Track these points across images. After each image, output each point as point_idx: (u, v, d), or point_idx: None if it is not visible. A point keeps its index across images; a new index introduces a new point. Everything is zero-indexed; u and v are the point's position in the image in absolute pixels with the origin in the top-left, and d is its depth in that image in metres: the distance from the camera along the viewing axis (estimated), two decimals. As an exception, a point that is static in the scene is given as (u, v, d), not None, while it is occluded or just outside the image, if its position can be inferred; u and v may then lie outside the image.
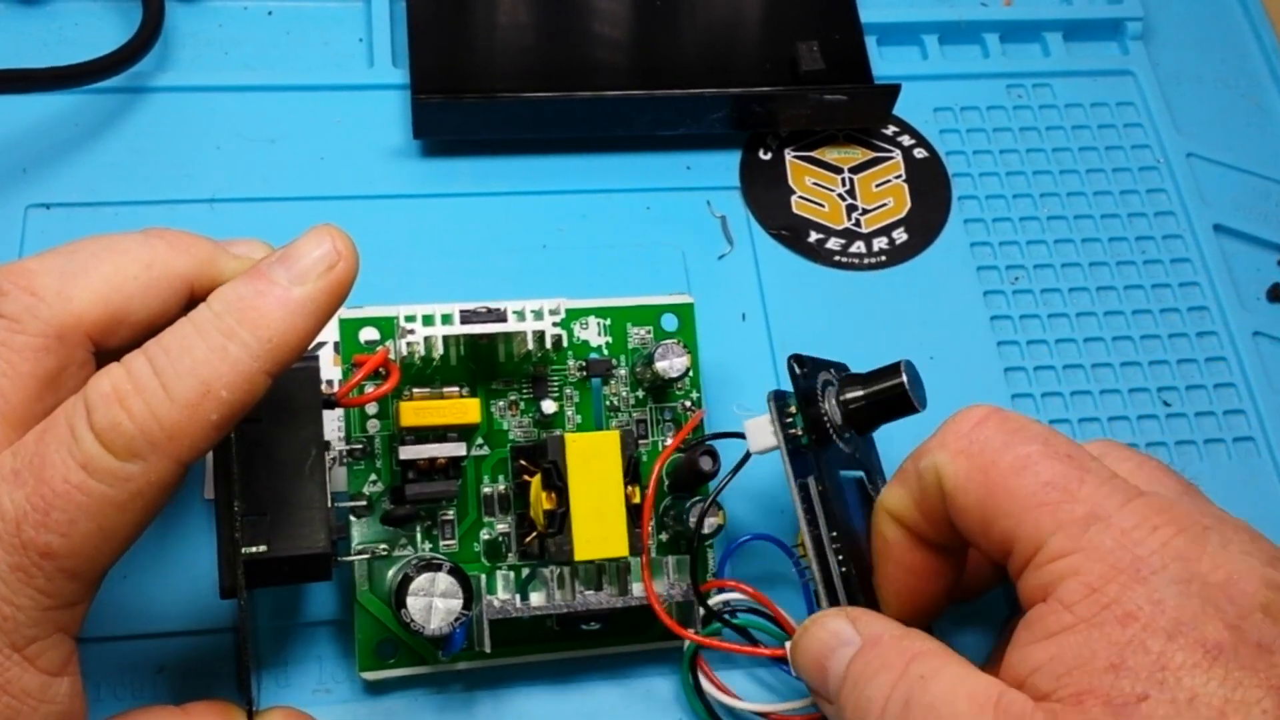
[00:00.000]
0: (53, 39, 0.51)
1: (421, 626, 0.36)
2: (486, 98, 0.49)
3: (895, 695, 0.31)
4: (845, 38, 0.52)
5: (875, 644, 0.32)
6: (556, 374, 0.41)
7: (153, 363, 0.29)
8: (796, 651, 0.35)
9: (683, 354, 0.41)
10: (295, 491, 0.35)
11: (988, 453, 0.33)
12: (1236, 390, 0.49)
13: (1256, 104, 0.57)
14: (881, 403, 0.37)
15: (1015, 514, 0.32)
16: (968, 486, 0.33)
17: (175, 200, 0.48)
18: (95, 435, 0.28)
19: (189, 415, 0.29)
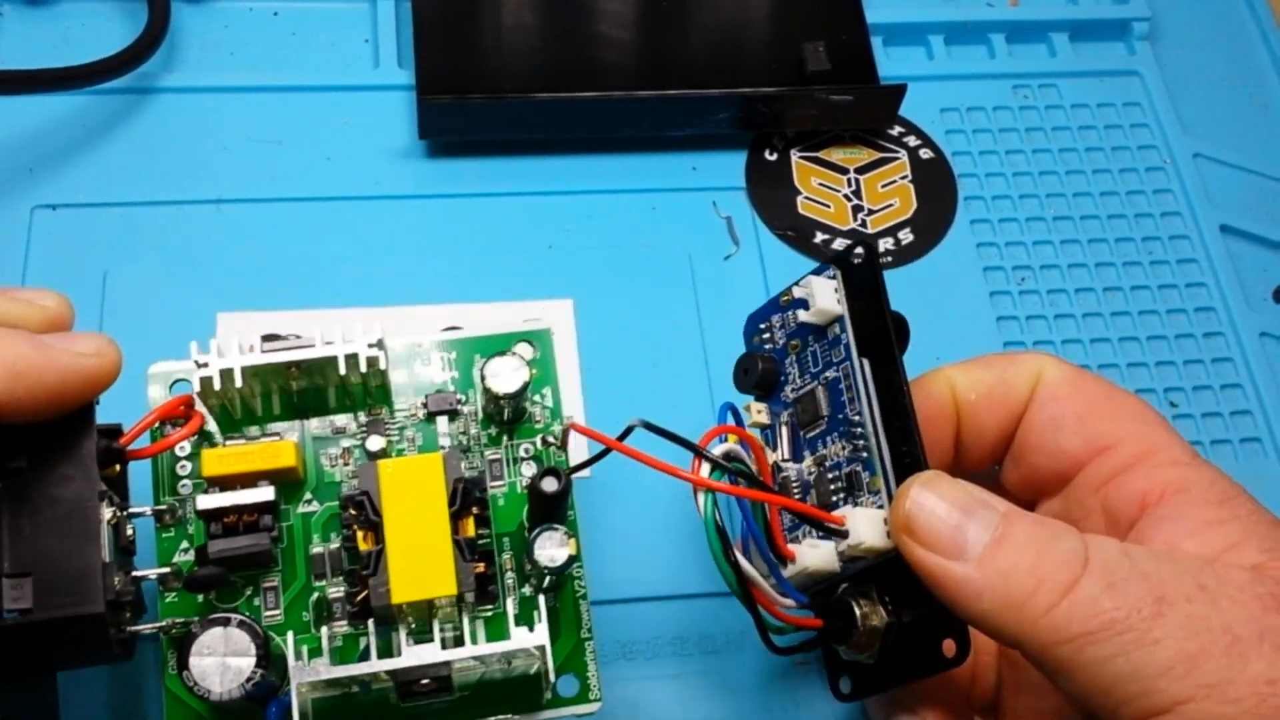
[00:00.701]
0: (59, 40, 0.51)
1: (207, 691, 0.31)
2: (492, 98, 0.49)
3: (1102, 550, 0.29)
4: (851, 38, 0.52)
5: (1024, 515, 0.31)
6: (400, 412, 0.36)
7: None
8: (914, 508, 0.31)
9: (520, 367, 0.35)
10: (67, 548, 0.29)
11: (1099, 377, 0.34)
12: (1243, 391, 0.49)
13: (1263, 105, 0.57)
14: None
15: (1131, 417, 0.33)
16: (1079, 386, 0.34)
17: (181, 201, 0.48)
18: None
19: None
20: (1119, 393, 0.34)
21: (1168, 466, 0.32)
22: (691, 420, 0.44)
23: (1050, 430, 0.34)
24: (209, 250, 0.47)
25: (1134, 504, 0.32)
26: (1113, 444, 0.33)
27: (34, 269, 0.45)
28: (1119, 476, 0.33)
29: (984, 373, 0.35)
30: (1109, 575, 0.29)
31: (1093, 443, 0.33)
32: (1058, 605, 0.29)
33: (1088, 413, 0.33)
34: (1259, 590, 0.29)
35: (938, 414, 0.35)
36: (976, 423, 0.35)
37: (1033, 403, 0.34)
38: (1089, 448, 0.33)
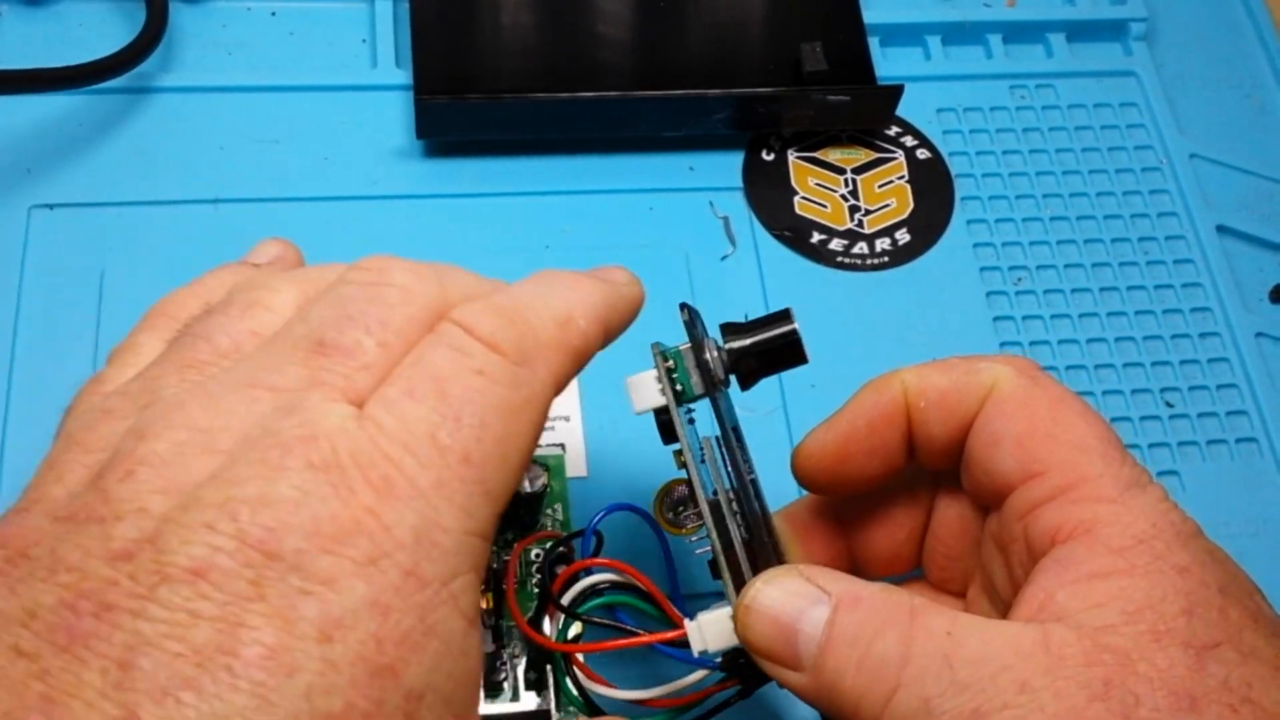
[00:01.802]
0: (57, 40, 0.51)
1: None
2: (489, 98, 0.49)
3: (923, 652, 0.28)
4: (848, 38, 0.53)
5: (857, 601, 0.29)
6: None
7: (514, 295, 0.29)
8: (750, 617, 0.30)
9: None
10: None
11: (1058, 390, 0.33)
12: (1239, 391, 0.49)
13: (1260, 105, 0.57)
14: (771, 351, 0.34)
15: (1068, 444, 0.31)
16: (1027, 402, 0.32)
17: (179, 201, 0.48)
18: (483, 345, 0.27)
19: (560, 332, 0.29)
20: (1068, 414, 0.32)
21: (1086, 503, 0.30)
22: (688, 420, 0.45)
23: (989, 448, 0.32)
24: (206, 250, 0.46)
25: (1046, 539, 0.30)
26: (1042, 471, 0.31)
27: (31, 268, 0.45)
28: (1039, 507, 0.31)
29: (938, 378, 0.34)
30: (924, 689, 0.28)
31: (1025, 467, 0.31)
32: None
33: (1027, 434, 0.32)
34: (1090, 675, 0.27)
35: (885, 417, 0.34)
36: (926, 430, 0.34)
37: (979, 417, 0.33)
38: (1022, 472, 0.31)
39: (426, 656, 0.24)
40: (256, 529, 0.23)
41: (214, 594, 0.23)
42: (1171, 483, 0.47)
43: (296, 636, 0.23)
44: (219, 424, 0.25)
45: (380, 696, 0.23)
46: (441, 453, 0.26)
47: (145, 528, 0.23)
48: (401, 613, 0.24)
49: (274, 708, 0.22)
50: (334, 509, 0.24)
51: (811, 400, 0.46)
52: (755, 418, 0.46)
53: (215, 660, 0.22)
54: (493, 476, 0.26)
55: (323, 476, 0.24)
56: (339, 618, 0.23)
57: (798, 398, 0.46)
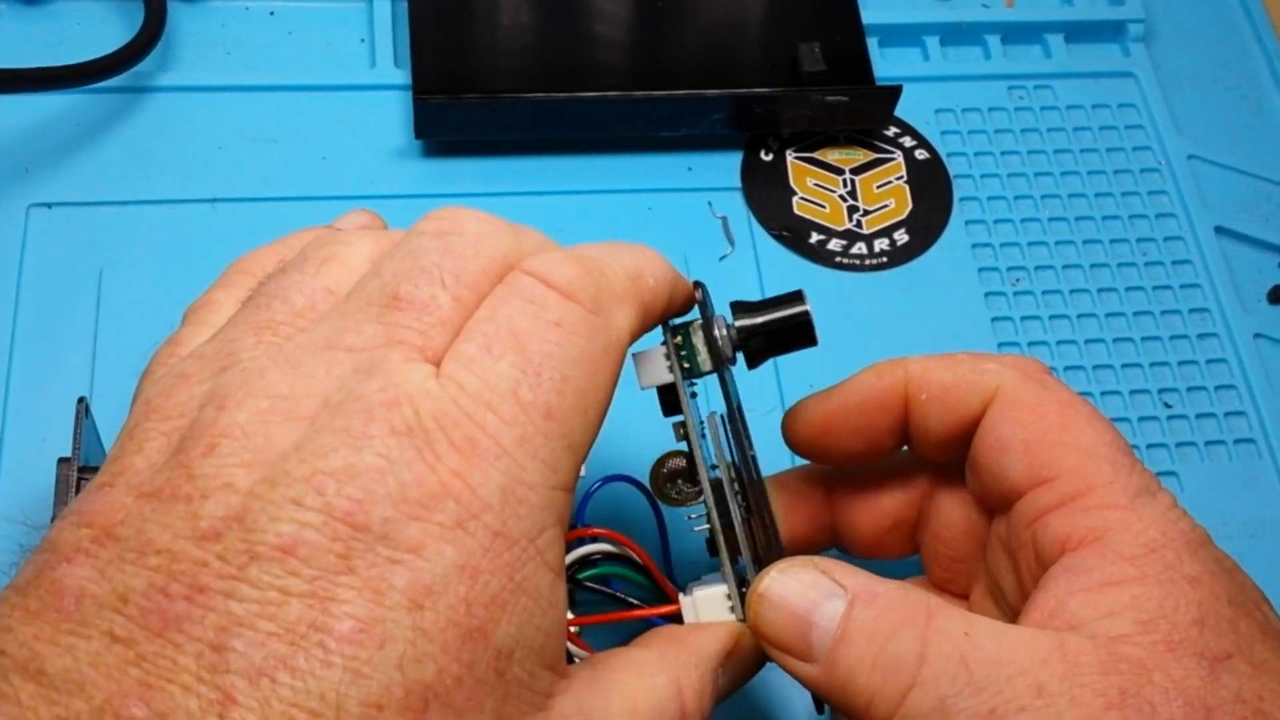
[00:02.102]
0: (55, 39, 0.51)
1: None
2: (488, 98, 0.49)
3: (939, 653, 0.28)
4: (847, 39, 0.53)
5: (873, 597, 0.29)
6: None
7: (588, 250, 0.29)
8: (762, 605, 0.31)
9: None
10: None
11: (1067, 394, 0.32)
12: (1237, 392, 0.49)
13: (1258, 106, 0.57)
14: (782, 331, 0.34)
15: (1078, 449, 0.31)
16: (1035, 406, 0.32)
17: (177, 200, 0.48)
18: (559, 295, 0.27)
19: (632, 284, 0.29)
20: (1077, 420, 0.32)
21: (1097, 510, 0.30)
22: (686, 420, 0.45)
23: (997, 453, 0.32)
24: (204, 249, 0.46)
25: (1056, 546, 0.30)
26: (1052, 477, 0.31)
27: (29, 267, 0.45)
28: (1048, 514, 0.31)
29: (943, 373, 0.33)
30: (939, 689, 0.28)
31: (1034, 474, 0.31)
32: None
33: (1035, 440, 0.31)
34: (1106, 683, 0.27)
35: (879, 402, 0.34)
36: (924, 422, 0.34)
37: (984, 419, 0.33)
38: (1030, 478, 0.31)
39: (516, 614, 0.25)
40: (343, 501, 0.23)
41: (303, 570, 0.23)
42: (1170, 483, 0.47)
43: (387, 607, 0.23)
44: (300, 389, 0.25)
45: (471, 659, 0.24)
46: (524, 409, 0.26)
47: (232, 505, 0.23)
48: (490, 574, 0.24)
49: (368, 680, 0.22)
50: (420, 474, 0.24)
51: (810, 400, 0.46)
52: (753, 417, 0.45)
53: (308, 637, 0.22)
54: (575, 429, 0.27)
55: (407, 442, 0.24)
56: (429, 585, 0.23)
57: (796, 397, 0.46)
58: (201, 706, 0.22)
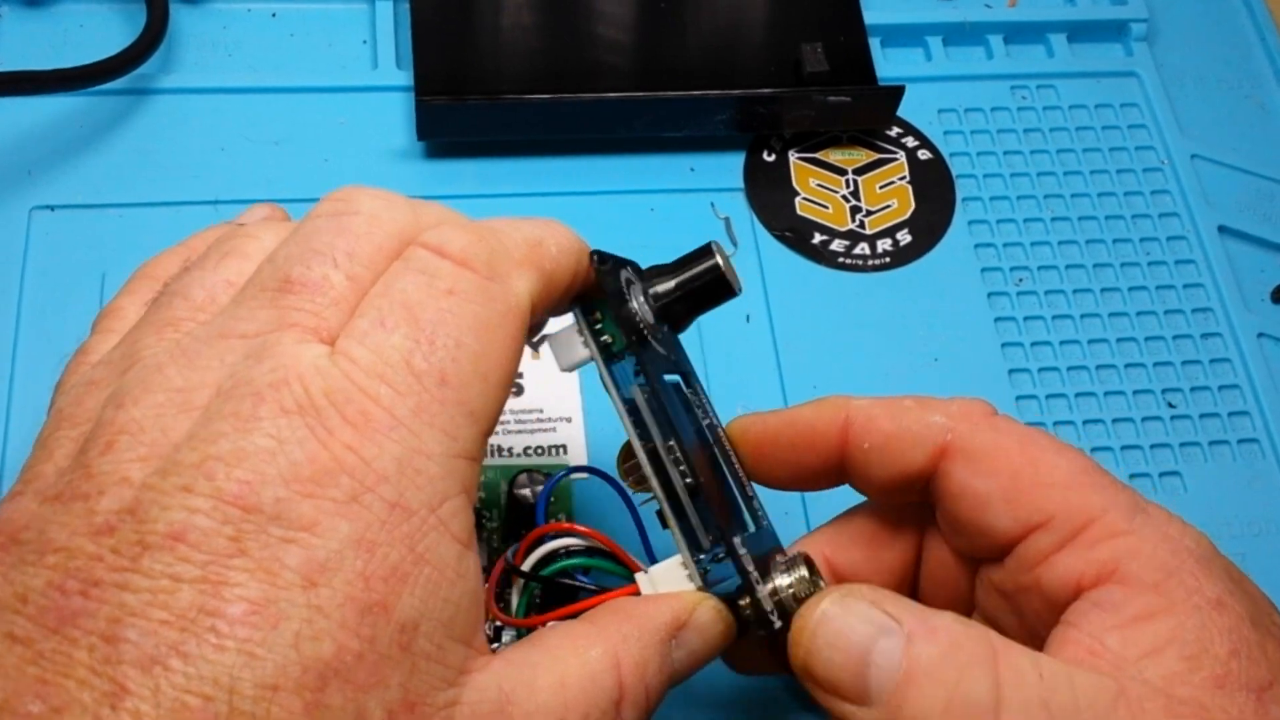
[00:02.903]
0: (58, 41, 0.51)
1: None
2: (490, 99, 0.49)
3: (1016, 695, 0.27)
4: (849, 39, 0.52)
5: (933, 633, 0.27)
6: None
7: (488, 221, 0.29)
8: (815, 643, 0.28)
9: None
10: None
11: (1021, 431, 0.31)
12: (1241, 392, 0.49)
13: (1261, 105, 0.57)
14: (696, 290, 0.33)
15: (1060, 486, 0.30)
16: (997, 454, 0.30)
17: (179, 202, 0.48)
18: (453, 263, 0.27)
19: (531, 251, 0.29)
20: (1044, 455, 0.30)
21: (1103, 542, 0.29)
22: (689, 421, 0.45)
23: (978, 510, 0.31)
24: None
25: (1069, 587, 0.29)
26: (1044, 521, 0.30)
27: (32, 270, 0.45)
28: (1052, 557, 0.29)
29: (886, 423, 0.32)
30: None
31: (1024, 522, 0.30)
32: None
33: (1013, 489, 0.30)
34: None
35: (810, 441, 0.33)
36: (865, 470, 0.32)
37: (948, 477, 0.31)
38: (1021, 527, 0.30)
39: (419, 586, 0.24)
40: (233, 484, 0.23)
41: (194, 555, 0.23)
42: (1173, 483, 0.47)
43: (281, 586, 0.23)
44: (194, 380, 0.25)
45: (372, 634, 0.23)
46: (418, 377, 0.25)
47: (125, 498, 0.23)
48: (388, 546, 0.24)
49: (262, 661, 0.22)
50: (311, 451, 0.24)
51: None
52: (757, 419, 0.46)
53: (199, 622, 0.22)
54: (474, 396, 0.26)
55: (298, 420, 0.24)
56: (323, 561, 0.23)
57: (799, 398, 0.46)
58: (95, 699, 0.22)
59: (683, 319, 0.33)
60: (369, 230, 0.28)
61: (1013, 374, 0.48)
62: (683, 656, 0.29)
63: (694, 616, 0.30)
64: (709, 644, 0.30)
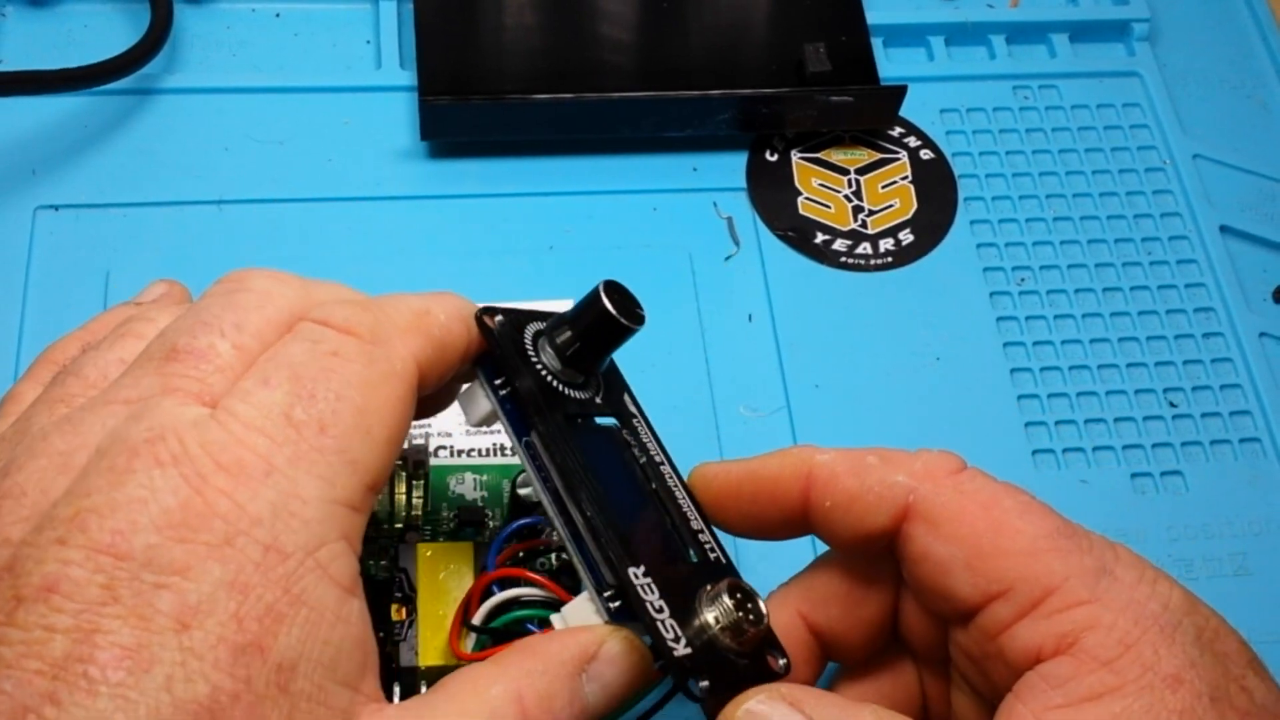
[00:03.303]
0: (62, 41, 0.51)
1: None
2: (494, 99, 0.49)
3: None
4: (852, 39, 0.53)
5: None
6: (428, 523, 0.39)
7: (377, 297, 0.30)
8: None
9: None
10: None
11: (986, 492, 0.31)
12: (1242, 391, 0.49)
13: (1263, 105, 0.57)
14: (593, 333, 0.32)
15: (1022, 553, 0.29)
16: (960, 518, 0.30)
17: (183, 202, 0.48)
18: (338, 332, 0.28)
19: (417, 320, 0.29)
20: (1007, 519, 0.30)
21: (1061, 613, 0.28)
22: (691, 421, 0.45)
23: (939, 575, 0.30)
24: (210, 250, 0.47)
25: (1028, 656, 0.29)
26: (1004, 590, 0.29)
27: (36, 270, 0.45)
28: (1011, 627, 0.29)
29: (849, 480, 0.31)
30: None
31: (984, 591, 0.29)
32: None
33: (974, 556, 0.30)
34: None
35: (774, 493, 0.32)
36: (828, 527, 0.32)
37: (910, 541, 0.31)
38: (981, 595, 0.30)
39: (296, 626, 0.24)
40: (105, 535, 0.24)
41: (67, 605, 0.23)
42: (1175, 482, 0.47)
43: (153, 631, 0.23)
44: (75, 443, 0.26)
45: (247, 674, 0.23)
46: (296, 428, 0.26)
47: (4, 557, 0.24)
48: (263, 587, 0.24)
49: (135, 704, 0.22)
50: (185, 498, 0.24)
51: (815, 400, 0.46)
52: (759, 418, 0.46)
53: (71, 669, 0.22)
54: (356, 446, 0.26)
55: (173, 470, 0.24)
56: (195, 604, 0.23)
57: (801, 398, 0.46)
58: None
59: (592, 362, 0.33)
60: (259, 304, 0.28)
61: (1015, 373, 0.48)
62: (596, 690, 0.29)
63: (604, 649, 0.29)
64: (623, 675, 0.29)
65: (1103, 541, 0.30)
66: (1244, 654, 0.29)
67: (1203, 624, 0.29)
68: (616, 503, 0.31)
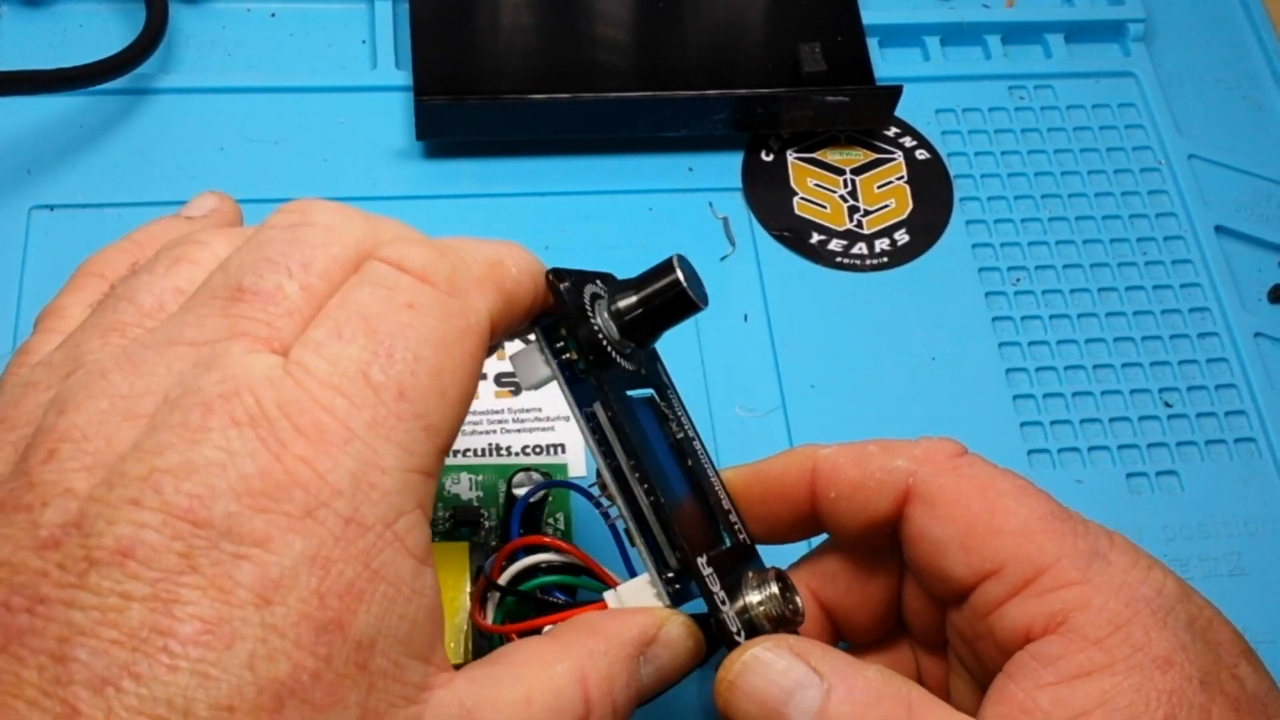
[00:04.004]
0: (57, 41, 0.51)
1: None
2: (489, 99, 0.49)
3: None
4: (847, 39, 0.53)
5: (851, 689, 0.28)
6: None
7: (448, 239, 0.29)
8: (733, 695, 0.29)
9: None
10: None
11: (982, 475, 0.31)
12: (1238, 391, 0.49)
13: (1258, 105, 0.57)
14: (659, 307, 0.32)
15: (1015, 534, 0.30)
16: (956, 499, 0.30)
17: (179, 201, 0.47)
18: (413, 278, 0.27)
19: (492, 270, 0.28)
20: (1002, 501, 0.30)
21: (1052, 593, 0.29)
22: (688, 420, 0.45)
23: (935, 555, 0.31)
24: (206, 251, 0.47)
25: (1018, 636, 0.29)
26: (996, 569, 0.29)
27: (31, 270, 0.45)
28: (1002, 605, 0.29)
29: (851, 470, 0.32)
30: None
31: (977, 569, 0.30)
32: None
33: (968, 535, 0.30)
34: None
35: (780, 494, 0.33)
36: (835, 519, 0.32)
37: (908, 522, 0.31)
38: (975, 574, 0.30)
39: (375, 603, 0.24)
40: (182, 498, 0.23)
41: (144, 573, 0.22)
42: (1170, 482, 0.47)
43: (234, 605, 0.22)
44: (140, 387, 0.24)
45: (328, 652, 0.23)
46: (375, 390, 0.25)
47: (70, 511, 0.23)
48: (344, 563, 0.23)
49: (216, 681, 0.22)
50: (264, 464, 0.23)
51: (811, 400, 0.46)
52: (755, 418, 0.46)
53: (151, 642, 0.22)
54: (432, 410, 0.26)
55: (250, 432, 0.23)
56: (277, 579, 0.23)
57: (797, 397, 0.46)
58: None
59: (648, 334, 0.33)
60: (325, 242, 0.27)
61: (1010, 373, 0.48)
62: (651, 673, 0.29)
63: (662, 633, 0.29)
64: (678, 660, 0.30)
65: (1098, 528, 0.30)
66: (1237, 644, 0.29)
67: (1196, 612, 0.29)
68: (668, 483, 0.31)
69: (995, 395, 0.48)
